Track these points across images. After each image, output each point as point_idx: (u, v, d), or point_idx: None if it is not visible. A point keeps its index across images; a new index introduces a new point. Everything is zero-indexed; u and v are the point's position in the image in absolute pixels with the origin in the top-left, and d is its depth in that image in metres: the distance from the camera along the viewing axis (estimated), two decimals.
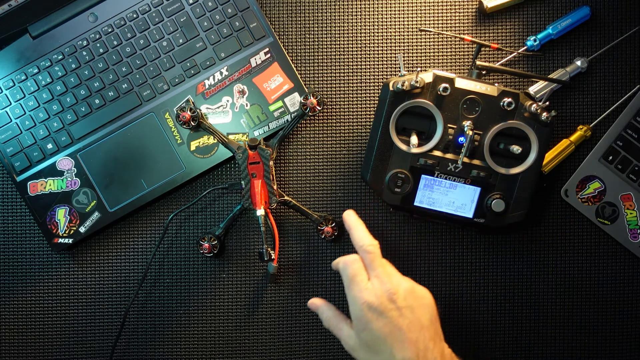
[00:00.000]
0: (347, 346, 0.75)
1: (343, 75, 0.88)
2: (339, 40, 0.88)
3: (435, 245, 0.87)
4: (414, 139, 0.77)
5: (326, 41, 0.88)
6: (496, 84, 0.77)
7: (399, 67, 0.86)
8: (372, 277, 0.74)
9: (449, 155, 0.78)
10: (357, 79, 0.88)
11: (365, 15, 0.88)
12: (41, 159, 0.85)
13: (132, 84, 0.86)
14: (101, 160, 0.85)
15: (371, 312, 0.72)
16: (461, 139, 0.77)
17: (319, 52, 0.88)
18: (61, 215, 0.85)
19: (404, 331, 0.71)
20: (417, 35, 0.88)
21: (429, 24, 0.88)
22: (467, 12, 0.88)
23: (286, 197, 0.85)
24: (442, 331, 0.74)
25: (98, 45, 0.86)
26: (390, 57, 0.88)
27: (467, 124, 0.76)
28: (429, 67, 0.87)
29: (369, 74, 0.88)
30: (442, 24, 0.88)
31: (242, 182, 0.84)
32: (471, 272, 0.87)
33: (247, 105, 0.86)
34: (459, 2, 0.88)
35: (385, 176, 0.78)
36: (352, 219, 0.79)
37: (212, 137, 0.85)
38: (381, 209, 0.87)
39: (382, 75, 0.88)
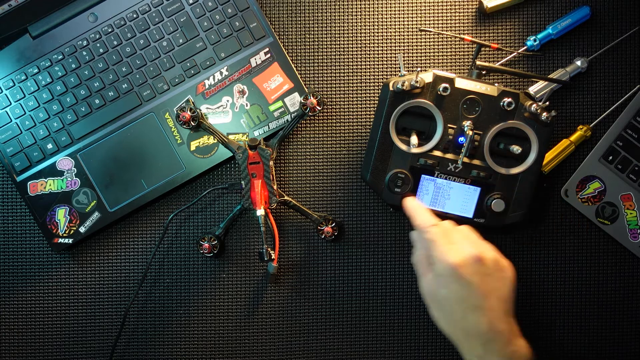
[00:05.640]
0: (426, 294, 0.73)
1: (343, 75, 0.88)
2: (339, 40, 0.88)
3: None
4: (414, 139, 0.77)
5: (326, 41, 0.88)
6: (496, 84, 0.77)
7: (399, 67, 0.86)
8: (457, 239, 0.72)
9: (449, 155, 0.78)
10: (357, 79, 0.88)
11: (365, 15, 0.88)
12: (41, 159, 0.85)
13: (132, 84, 0.86)
14: (101, 160, 0.85)
15: (455, 272, 0.70)
16: (461, 139, 0.77)
17: (319, 52, 0.88)
18: (61, 215, 0.85)
19: (482, 297, 0.70)
20: (417, 35, 0.88)
21: (429, 24, 0.88)
22: (467, 12, 0.88)
23: (286, 197, 0.85)
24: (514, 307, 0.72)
25: (98, 45, 0.86)
26: (390, 57, 0.88)
27: (467, 124, 0.76)
28: (429, 67, 0.87)
29: (369, 74, 0.88)
30: (442, 24, 0.88)
31: (242, 182, 0.84)
32: None
33: (247, 105, 0.85)
34: (459, 2, 0.88)
35: (385, 176, 0.78)
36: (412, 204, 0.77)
37: (212, 137, 0.85)
38: (381, 209, 0.87)
39: (382, 75, 0.88)
